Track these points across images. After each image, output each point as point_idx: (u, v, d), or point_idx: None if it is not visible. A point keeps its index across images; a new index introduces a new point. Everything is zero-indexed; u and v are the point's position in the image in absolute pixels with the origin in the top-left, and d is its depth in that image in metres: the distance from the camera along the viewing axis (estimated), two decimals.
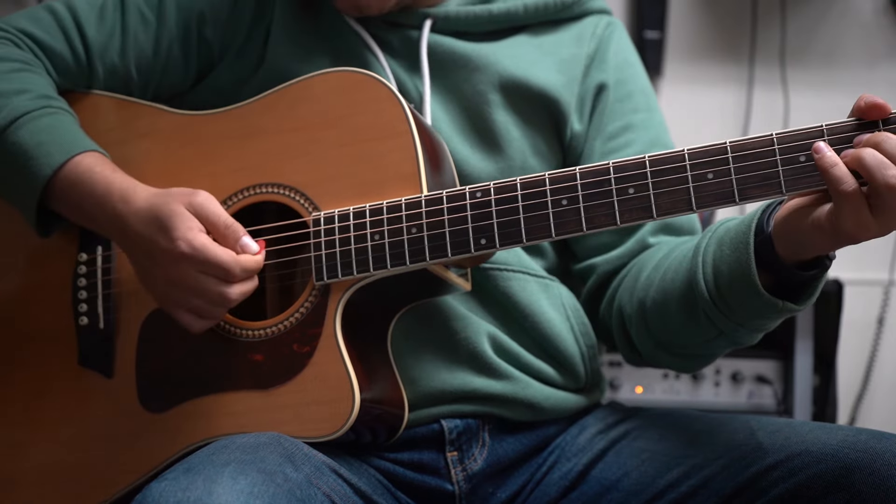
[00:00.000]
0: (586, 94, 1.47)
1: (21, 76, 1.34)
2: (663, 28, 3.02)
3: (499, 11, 1.45)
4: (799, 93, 3.05)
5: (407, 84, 1.42)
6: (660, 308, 1.31)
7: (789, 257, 1.18)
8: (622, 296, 1.39)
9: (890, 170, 1.07)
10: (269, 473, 1.08)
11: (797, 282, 1.20)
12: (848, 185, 1.08)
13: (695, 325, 1.28)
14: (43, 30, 1.39)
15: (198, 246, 1.21)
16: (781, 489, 1.19)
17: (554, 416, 1.40)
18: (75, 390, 1.36)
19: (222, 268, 1.21)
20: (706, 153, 1.15)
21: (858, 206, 1.08)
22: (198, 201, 1.24)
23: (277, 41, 1.41)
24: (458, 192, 1.23)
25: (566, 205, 1.20)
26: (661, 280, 1.32)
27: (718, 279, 1.22)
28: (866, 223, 1.09)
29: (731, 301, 1.22)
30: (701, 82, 3.08)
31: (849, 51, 3.10)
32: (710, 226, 1.29)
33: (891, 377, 3.08)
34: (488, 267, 1.37)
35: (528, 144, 1.43)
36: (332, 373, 1.24)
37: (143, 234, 1.25)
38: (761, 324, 1.25)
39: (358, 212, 1.26)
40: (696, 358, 1.36)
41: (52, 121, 1.31)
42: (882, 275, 3.06)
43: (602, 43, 1.50)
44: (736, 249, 1.21)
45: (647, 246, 1.43)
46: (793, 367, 2.50)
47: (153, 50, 1.42)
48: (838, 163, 1.09)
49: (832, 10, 3.10)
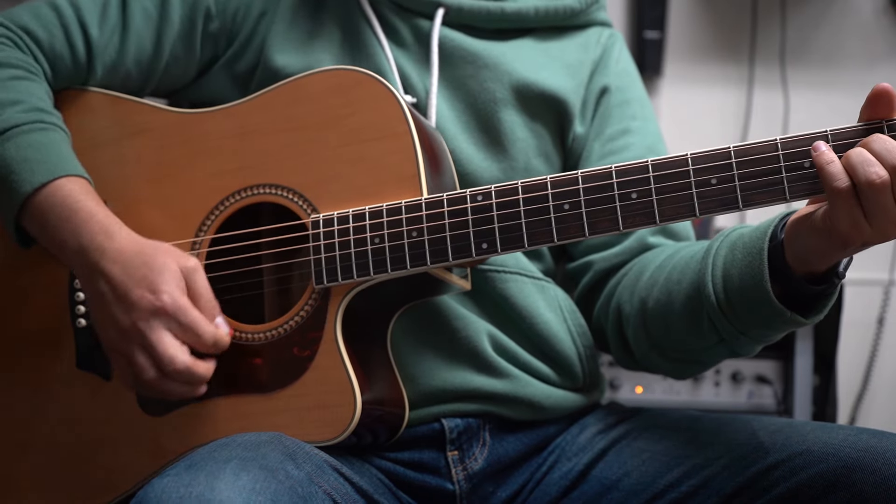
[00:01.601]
0: (590, 97, 1.49)
1: (19, 85, 1.32)
2: (663, 28, 3.02)
3: (511, 11, 1.46)
4: (799, 93, 3.05)
5: (412, 77, 1.42)
6: (662, 309, 1.31)
7: (798, 267, 1.17)
8: (622, 294, 1.39)
9: (872, 167, 1.07)
10: (271, 470, 1.08)
11: (806, 295, 1.19)
12: (841, 182, 1.08)
13: (696, 330, 1.28)
14: (44, 28, 1.37)
15: (181, 305, 1.21)
16: (783, 488, 1.19)
17: (554, 415, 1.40)
18: (74, 393, 1.36)
19: (197, 331, 1.21)
20: (710, 158, 1.14)
21: (851, 205, 1.08)
22: (190, 266, 1.24)
23: (279, 29, 1.41)
24: (459, 195, 1.23)
25: (568, 209, 1.19)
26: (665, 280, 1.31)
27: (728, 283, 1.22)
28: (859, 225, 1.09)
29: (738, 307, 1.22)
30: (701, 82, 3.08)
31: (849, 51, 3.10)
32: (723, 230, 1.28)
33: (891, 377, 3.08)
34: (486, 269, 1.37)
35: (532, 145, 1.43)
36: (333, 377, 1.23)
37: (118, 275, 1.22)
38: (764, 334, 1.24)
39: (357, 214, 1.25)
40: (691, 364, 1.36)
41: (41, 137, 1.29)
42: (882, 275, 3.06)
43: (606, 50, 1.52)
44: (748, 254, 1.20)
45: (647, 245, 1.43)
46: (793, 367, 2.50)
47: (154, 46, 1.41)
48: (834, 160, 1.09)
49: (832, 10, 3.10)
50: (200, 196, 1.33)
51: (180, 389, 1.23)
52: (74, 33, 1.38)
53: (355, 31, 1.42)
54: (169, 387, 1.23)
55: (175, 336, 1.21)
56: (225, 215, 1.32)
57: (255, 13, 1.42)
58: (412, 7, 1.44)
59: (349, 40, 1.42)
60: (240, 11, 1.42)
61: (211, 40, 1.43)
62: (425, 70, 1.42)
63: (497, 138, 1.42)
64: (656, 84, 3.05)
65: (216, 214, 1.32)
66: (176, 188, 1.34)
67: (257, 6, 1.42)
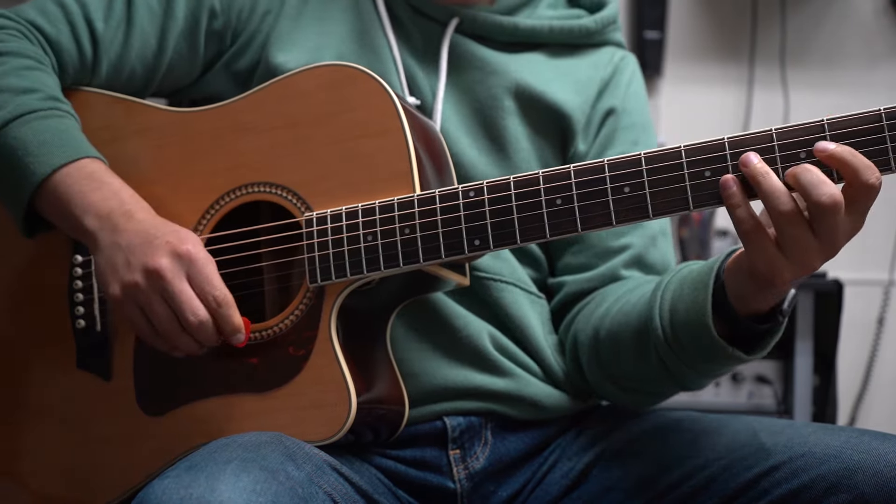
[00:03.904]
0: (595, 115, 1.47)
1: (33, 74, 1.32)
2: (663, 28, 3.03)
3: (524, 27, 1.45)
4: (799, 93, 3.05)
5: (419, 78, 1.41)
6: (613, 339, 1.31)
7: (741, 307, 1.19)
8: (579, 322, 1.40)
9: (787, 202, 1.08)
10: (272, 471, 1.08)
11: (750, 335, 1.20)
12: (749, 223, 1.10)
13: (644, 362, 1.29)
14: (51, 23, 1.37)
15: (202, 257, 1.20)
16: (784, 490, 1.19)
17: (555, 414, 1.40)
18: (74, 393, 1.35)
19: (211, 283, 1.20)
20: (703, 150, 1.13)
21: (765, 240, 1.10)
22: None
23: (284, 27, 1.41)
24: (451, 191, 1.22)
25: (560, 204, 1.18)
26: (618, 312, 1.32)
27: (674, 317, 1.23)
28: (775, 260, 1.10)
29: (683, 341, 1.23)
30: (701, 82, 3.09)
31: (849, 51, 3.10)
32: (676, 266, 1.29)
33: (891, 377, 3.08)
34: (482, 276, 1.37)
35: (535, 155, 1.43)
36: (328, 376, 1.23)
37: (148, 223, 1.23)
38: (709, 369, 1.25)
39: (350, 212, 1.25)
40: (646, 395, 1.36)
41: (58, 123, 1.29)
42: (882, 275, 3.07)
43: (617, 71, 1.51)
44: (695, 290, 1.21)
45: (616, 276, 1.43)
46: (793, 367, 2.51)
47: (158, 43, 1.40)
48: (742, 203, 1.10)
49: (832, 11, 3.10)
50: (196, 195, 1.33)
51: (191, 346, 1.22)
52: (80, 28, 1.37)
53: (364, 30, 1.42)
54: (182, 341, 1.22)
55: (188, 288, 1.20)
56: (220, 214, 1.32)
57: (259, 11, 1.42)
58: (428, 12, 1.43)
59: (357, 38, 1.42)
60: (244, 9, 1.42)
61: (215, 38, 1.42)
62: (433, 72, 1.42)
63: (501, 145, 1.42)
64: (656, 84, 3.05)
65: (211, 214, 1.32)
66: (172, 188, 1.34)
67: (262, 4, 1.42)
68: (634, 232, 1.43)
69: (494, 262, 1.38)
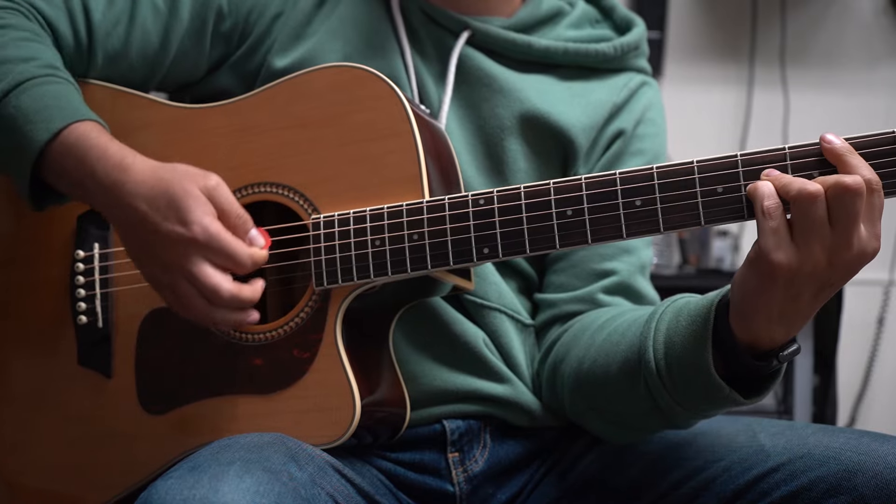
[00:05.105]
0: (601, 139, 1.45)
1: (30, 45, 1.30)
2: (663, 28, 3.03)
3: (539, 47, 1.43)
4: (799, 93, 3.05)
5: (429, 87, 1.40)
6: (599, 370, 1.28)
7: (742, 334, 1.14)
8: (558, 351, 1.37)
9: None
10: (275, 472, 1.08)
11: (748, 371, 1.16)
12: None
13: (632, 395, 1.24)
14: (50, 6, 1.36)
15: (213, 233, 1.17)
16: (784, 491, 1.19)
17: (549, 423, 1.40)
18: (75, 391, 1.35)
19: (234, 258, 1.17)
20: (716, 166, 1.12)
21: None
22: (212, 185, 1.19)
23: (294, 31, 1.41)
24: (461, 198, 1.21)
25: (571, 216, 1.17)
26: (604, 341, 1.29)
27: (669, 350, 1.19)
28: (783, 244, 1.08)
29: (677, 376, 1.19)
30: (701, 82, 3.09)
31: (849, 51, 3.11)
32: (669, 298, 1.25)
33: (891, 377, 3.09)
34: (473, 299, 1.36)
35: (532, 176, 1.41)
36: (332, 380, 1.23)
37: (144, 210, 1.19)
38: (701, 407, 1.21)
39: (358, 216, 1.24)
40: (627, 429, 1.32)
41: (56, 89, 1.27)
42: (882, 275, 3.07)
43: (633, 96, 1.48)
44: (693, 323, 1.18)
45: (595, 301, 1.40)
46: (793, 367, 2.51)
47: (161, 41, 1.40)
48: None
49: (832, 11, 3.10)
50: None
51: (232, 317, 1.19)
52: (77, 15, 1.36)
53: (376, 34, 1.41)
54: (220, 315, 1.19)
55: (214, 265, 1.18)
56: None
57: (270, 14, 1.41)
58: (441, 21, 1.42)
59: (368, 43, 1.40)
60: (254, 11, 1.41)
61: (222, 39, 1.42)
62: (441, 83, 1.41)
63: (498, 165, 1.40)
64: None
65: None
66: None
67: (273, 7, 1.41)
68: (620, 258, 1.41)
69: (480, 284, 1.36)
